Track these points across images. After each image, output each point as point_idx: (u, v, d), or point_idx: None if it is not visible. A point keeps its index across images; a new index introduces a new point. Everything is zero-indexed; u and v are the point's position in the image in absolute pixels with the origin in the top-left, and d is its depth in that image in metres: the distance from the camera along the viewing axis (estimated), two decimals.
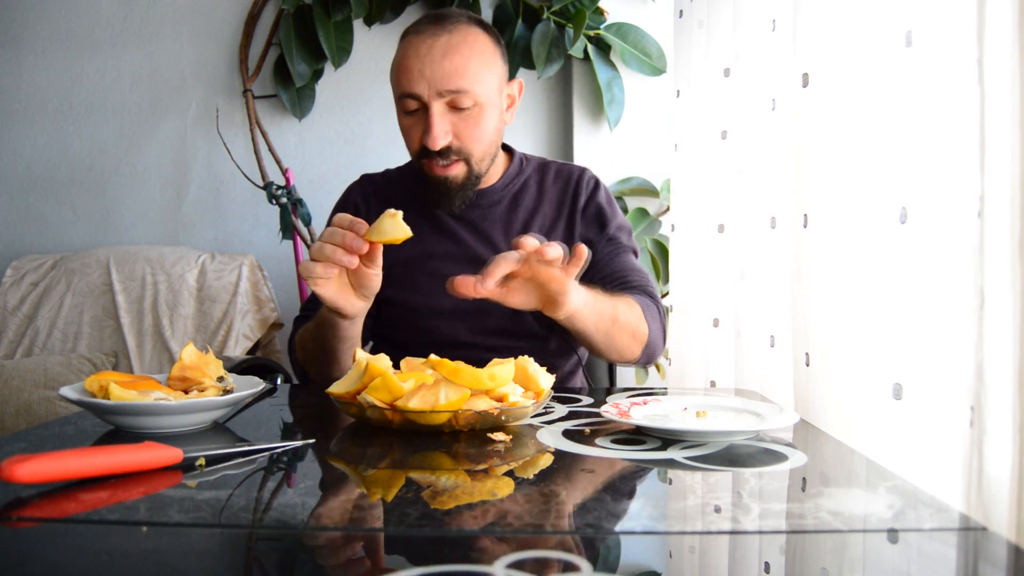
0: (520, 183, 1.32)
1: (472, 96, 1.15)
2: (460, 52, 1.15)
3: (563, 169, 1.35)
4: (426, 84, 1.14)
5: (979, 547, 0.52)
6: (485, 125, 1.19)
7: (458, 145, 1.18)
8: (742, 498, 0.60)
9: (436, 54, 1.14)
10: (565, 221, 1.29)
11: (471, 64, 1.15)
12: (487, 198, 1.29)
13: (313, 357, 1.16)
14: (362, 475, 0.68)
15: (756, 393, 1.18)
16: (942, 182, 0.80)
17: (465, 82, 1.14)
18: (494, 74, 1.20)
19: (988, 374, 0.72)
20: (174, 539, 0.51)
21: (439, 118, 1.15)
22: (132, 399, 0.77)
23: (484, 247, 1.26)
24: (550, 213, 1.30)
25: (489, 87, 1.18)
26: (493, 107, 1.20)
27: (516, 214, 1.29)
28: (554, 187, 1.32)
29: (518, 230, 1.27)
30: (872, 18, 0.91)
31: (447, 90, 1.14)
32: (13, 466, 0.57)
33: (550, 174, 1.33)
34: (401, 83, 1.17)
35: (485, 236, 1.27)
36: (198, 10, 2.27)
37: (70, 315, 2.01)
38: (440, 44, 1.15)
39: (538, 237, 0.92)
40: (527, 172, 1.33)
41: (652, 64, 2.11)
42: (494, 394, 0.81)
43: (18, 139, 2.30)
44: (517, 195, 1.31)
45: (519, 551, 0.48)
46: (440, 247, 1.27)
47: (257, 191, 2.20)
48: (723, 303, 1.47)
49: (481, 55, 1.17)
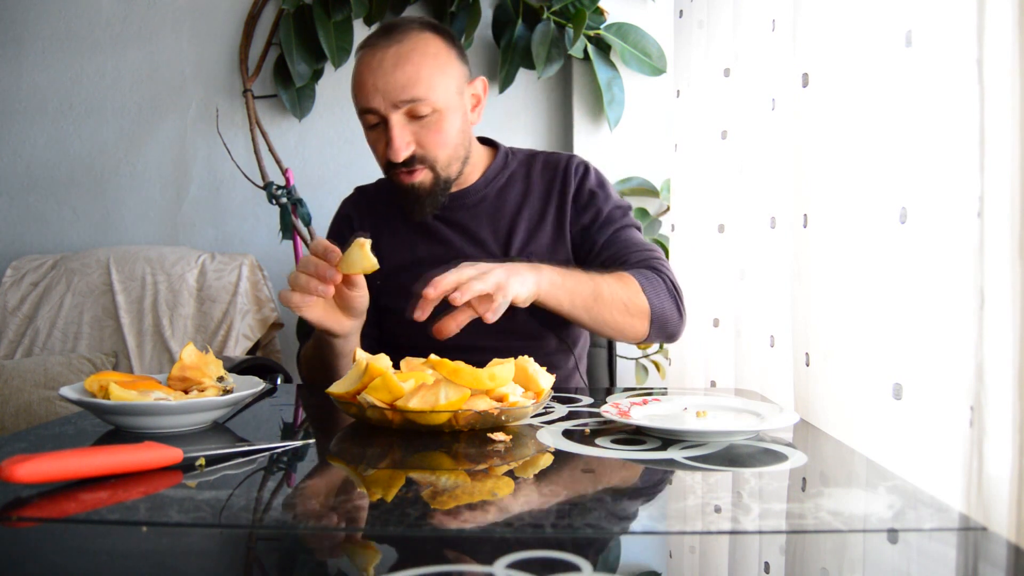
0: (505, 178, 1.30)
1: (429, 103, 1.14)
2: (411, 61, 1.14)
3: (551, 159, 1.32)
4: (380, 97, 1.14)
5: (979, 547, 0.52)
6: (447, 130, 1.18)
7: (422, 153, 1.17)
8: (742, 498, 0.60)
9: (387, 66, 1.13)
10: (555, 211, 1.27)
11: (423, 71, 1.14)
12: (470, 197, 1.28)
13: (318, 374, 1.16)
14: (362, 475, 0.68)
15: (756, 393, 1.18)
16: (942, 182, 0.80)
17: (419, 90, 1.13)
18: (450, 77, 1.18)
19: (988, 374, 0.72)
20: (174, 539, 0.51)
21: (399, 130, 1.15)
22: (132, 399, 0.77)
23: (473, 247, 1.26)
24: (538, 205, 1.28)
25: (446, 91, 1.17)
26: (454, 111, 1.19)
27: (503, 209, 1.28)
28: (542, 178, 1.30)
29: (506, 225, 1.26)
30: (872, 18, 0.91)
31: (402, 100, 1.13)
32: (13, 466, 0.57)
33: (537, 165, 1.32)
34: (359, 99, 1.17)
35: (473, 235, 1.27)
36: (198, 10, 2.27)
37: (70, 315, 2.01)
38: (390, 55, 1.14)
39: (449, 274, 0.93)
40: (512, 166, 1.32)
41: (652, 64, 2.11)
42: (494, 394, 0.81)
43: (18, 139, 2.30)
44: (502, 190, 1.29)
45: (519, 551, 0.48)
46: (430, 252, 1.27)
47: (257, 191, 2.20)
48: (723, 303, 1.47)
49: (434, 60, 1.16)
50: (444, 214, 1.28)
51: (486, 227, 1.27)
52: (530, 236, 1.26)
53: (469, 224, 1.27)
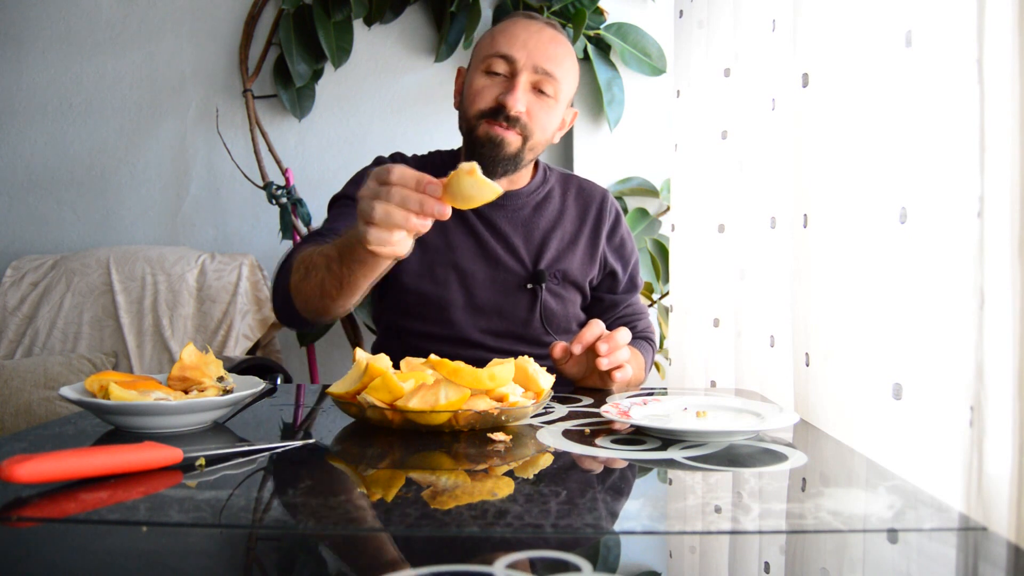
0: (544, 192, 1.34)
1: (556, 86, 1.21)
2: (563, 46, 1.23)
3: (585, 186, 1.38)
4: (526, 54, 1.19)
5: (979, 547, 0.52)
6: (553, 118, 1.24)
7: (526, 121, 1.21)
8: (742, 498, 0.60)
9: (544, 36, 1.21)
10: (588, 240, 1.32)
11: (567, 61, 1.23)
12: (513, 201, 1.30)
13: (319, 286, 1.03)
14: (362, 475, 0.68)
15: (756, 393, 1.18)
16: (942, 182, 0.80)
17: (559, 70, 1.21)
18: (572, 84, 1.27)
19: (988, 374, 0.72)
20: (174, 539, 0.51)
21: (525, 87, 1.20)
22: (132, 399, 0.77)
23: (503, 249, 1.27)
24: (571, 228, 1.32)
25: (569, 88, 1.26)
26: (562, 108, 1.26)
27: (538, 222, 1.30)
28: (576, 204, 1.34)
29: (539, 239, 1.29)
30: (872, 18, 0.91)
31: (542, 67, 1.20)
32: (13, 466, 0.57)
33: (572, 189, 1.37)
34: (499, 43, 1.21)
35: (505, 239, 1.28)
36: (198, 10, 2.27)
37: (70, 315, 2.01)
38: (548, 32, 1.23)
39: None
40: (551, 182, 1.36)
41: (652, 64, 2.11)
42: (494, 394, 0.81)
43: (18, 139, 2.30)
44: (540, 204, 1.32)
45: (519, 551, 0.48)
46: (462, 241, 1.27)
47: (257, 191, 2.20)
48: (723, 303, 1.47)
49: (573, 63, 1.26)
50: (484, 211, 1.26)
51: (520, 235, 1.29)
52: (560, 255, 1.29)
53: (503, 226, 1.29)
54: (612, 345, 1.02)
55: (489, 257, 1.26)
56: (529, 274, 1.26)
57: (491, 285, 1.26)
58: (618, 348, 1.03)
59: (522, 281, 1.26)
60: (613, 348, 1.02)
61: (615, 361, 1.03)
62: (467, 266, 1.26)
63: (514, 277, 1.26)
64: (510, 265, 1.26)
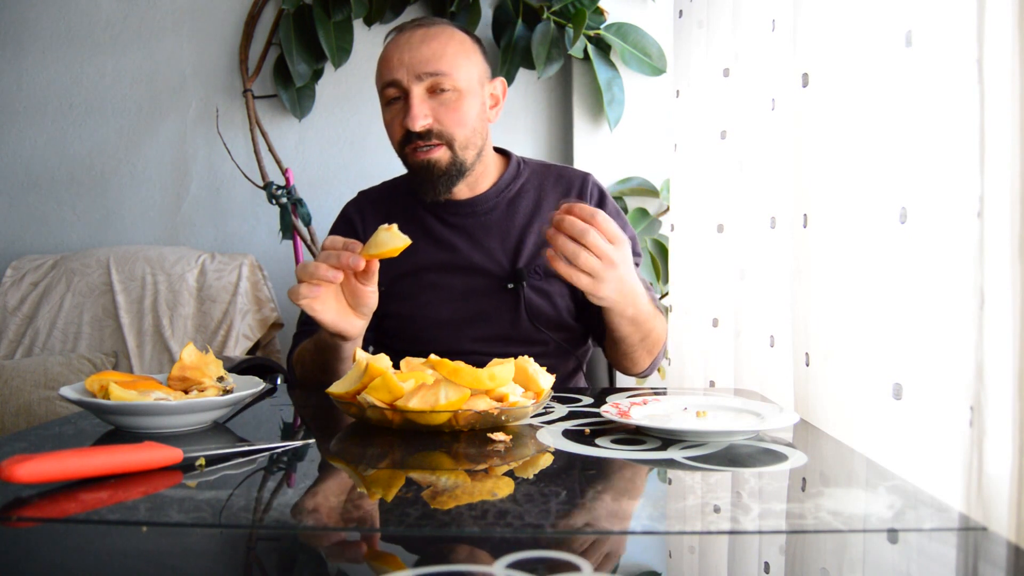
0: (517, 188, 1.29)
1: (451, 80, 1.17)
2: (438, 39, 1.18)
3: (564, 173, 1.32)
4: (404, 70, 1.17)
5: (979, 547, 0.52)
6: (466, 110, 1.19)
7: (439, 128, 1.18)
8: (742, 498, 0.60)
9: (415, 42, 1.18)
10: None
11: (448, 50, 1.18)
12: (481, 205, 1.27)
13: (314, 377, 1.15)
14: (362, 475, 0.68)
15: (756, 393, 1.18)
16: (942, 182, 0.80)
17: (443, 65, 1.17)
18: (473, 64, 1.21)
19: (988, 374, 0.72)
20: (174, 539, 0.51)
21: (419, 100, 1.17)
22: (132, 399, 0.77)
23: (480, 255, 1.25)
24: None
25: (468, 75, 1.20)
26: (473, 96, 1.21)
27: (513, 220, 1.27)
28: (554, 192, 1.29)
29: (515, 237, 1.25)
30: (872, 18, 0.91)
31: (425, 72, 1.16)
32: (13, 466, 0.57)
33: (550, 178, 1.31)
34: (382, 74, 1.20)
35: (480, 244, 1.25)
36: (198, 10, 2.27)
37: (70, 315, 2.01)
38: (418, 34, 1.19)
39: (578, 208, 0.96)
40: (524, 176, 1.31)
41: (652, 64, 2.11)
42: (494, 394, 0.81)
43: (18, 139, 2.30)
44: (513, 200, 1.28)
45: (519, 551, 0.48)
46: (435, 258, 1.26)
47: (257, 191, 2.20)
48: (723, 303, 1.47)
49: (459, 45, 1.20)
50: (453, 220, 1.27)
51: (495, 237, 1.26)
52: (539, 249, 1.24)
53: (477, 232, 1.26)
54: (556, 223, 0.95)
55: (462, 267, 1.24)
56: (508, 274, 1.24)
57: (470, 294, 1.24)
58: (568, 228, 0.94)
59: (502, 283, 1.23)
60: (558, 230, 0.95)
61: (564, 249, 0.94)
62: (441, 281, 1.25)
63: (493, 280, 1.24)
64: (488, 269, 1.24)
